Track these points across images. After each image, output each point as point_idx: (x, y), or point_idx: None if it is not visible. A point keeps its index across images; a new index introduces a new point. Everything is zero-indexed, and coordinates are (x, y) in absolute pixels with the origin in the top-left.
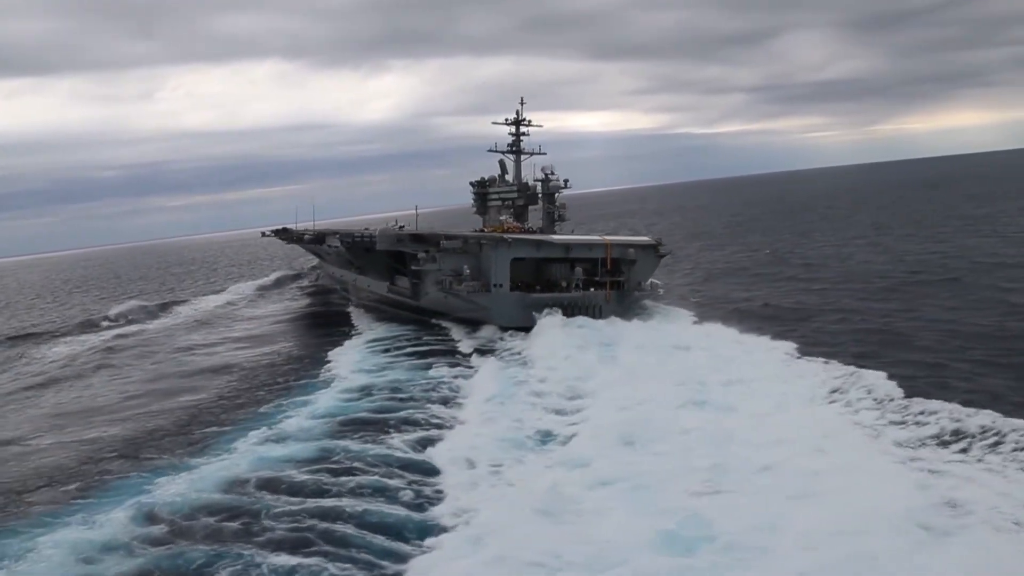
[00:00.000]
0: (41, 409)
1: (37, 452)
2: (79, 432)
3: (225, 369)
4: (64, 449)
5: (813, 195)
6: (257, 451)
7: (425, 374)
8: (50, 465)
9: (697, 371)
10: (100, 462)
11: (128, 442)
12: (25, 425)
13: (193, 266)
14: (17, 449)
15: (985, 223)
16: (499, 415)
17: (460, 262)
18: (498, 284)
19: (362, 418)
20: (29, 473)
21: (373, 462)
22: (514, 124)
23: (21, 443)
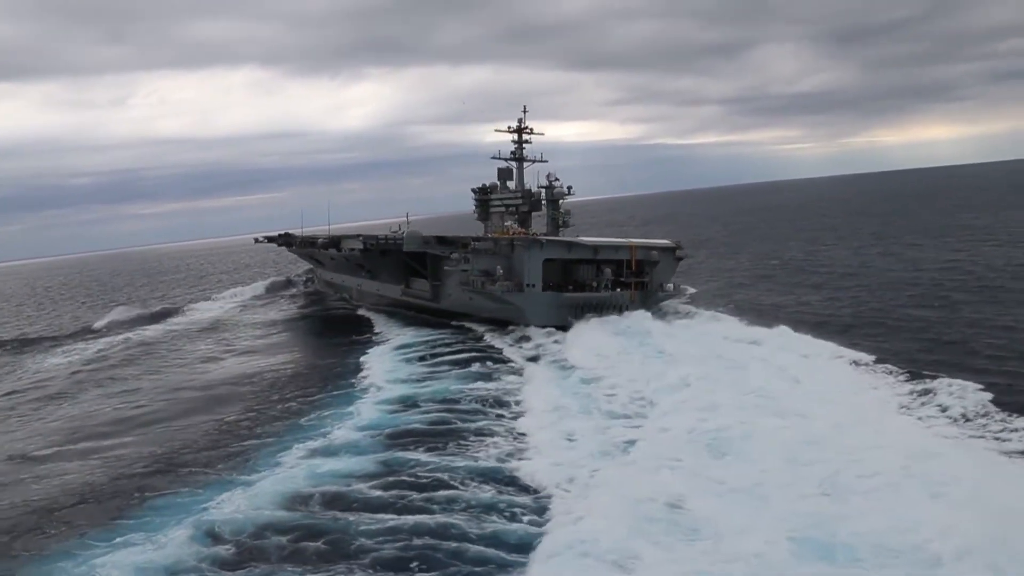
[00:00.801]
0: (55, 422)
1: (64, 468)
2: (102, 446)
3: (246, 379)
4: (91, 465)
5: (802, 205)
6: (309, 465)
7: (475, 383)
8: (80, 482)
9: (757, 377)
10: (134, 478)
11: (160, 457)
12: (41, 439)
13: (178, 274)
14: (42, 465)
15: (989, 232)
16: (575, 424)
17: (492, 263)
18: (531, 284)
19: (420, 430)
20: (61, 491)
21: (460, 476)
22: (516, 132)
23: (44, 459)
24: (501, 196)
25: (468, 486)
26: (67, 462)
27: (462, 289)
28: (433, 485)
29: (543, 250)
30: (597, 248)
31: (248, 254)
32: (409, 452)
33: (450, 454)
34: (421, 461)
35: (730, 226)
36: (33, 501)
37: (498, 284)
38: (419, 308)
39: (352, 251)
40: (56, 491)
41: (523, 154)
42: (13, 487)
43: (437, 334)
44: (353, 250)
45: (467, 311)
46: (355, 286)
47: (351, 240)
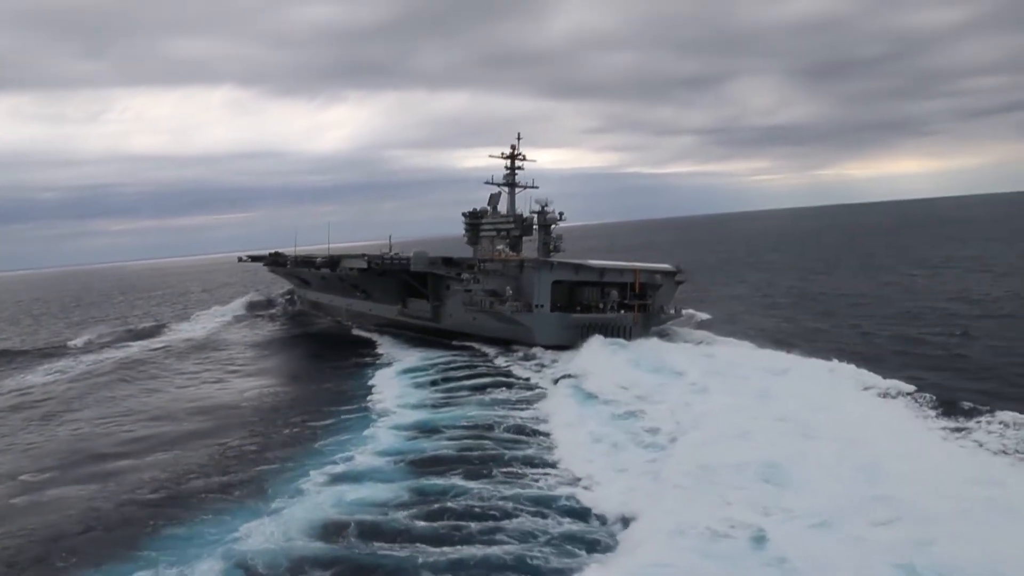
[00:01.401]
0: (47, 443)
1: (63, 494)
2: (103, 471)
3: (247, 401)
4: (92, 491)
5: (782, 235)
6: (335, 492)
7: (498, 408)
8: (84, 508)
9: (791, 405)
10: (144, 505)
11: (167, 483)
12: (32, 462)
13: (156, 291)
14: (39, 491)
15: (983, 263)
16: (616, 451)
17: (502, 283)
18: (540, 304)
19: (449, 456)
20: (64, 519)
21: (508, 505)
22: (509, 158)
23: (40, 484)
24: (492, 220)
25: (519, 515)
26: (65, 487)
27: (465, 309)
28: (478, 515)
29: (552, 272)
30: (603, 271)
31: (226, 272)
32: (442, 479)
33: (489, 482)
34: (459, 489)
35: (716, 254)
36: (35, 530)
37: (508, 304)
38: (417, 328)
39: (351, 271)
40: (59, 519)
41: (515, 180)
42: (9, 514)
43: (443, 355)
44: (352, 269)
45: (470, 331)
46: (345, 306)
47: (352, 259)
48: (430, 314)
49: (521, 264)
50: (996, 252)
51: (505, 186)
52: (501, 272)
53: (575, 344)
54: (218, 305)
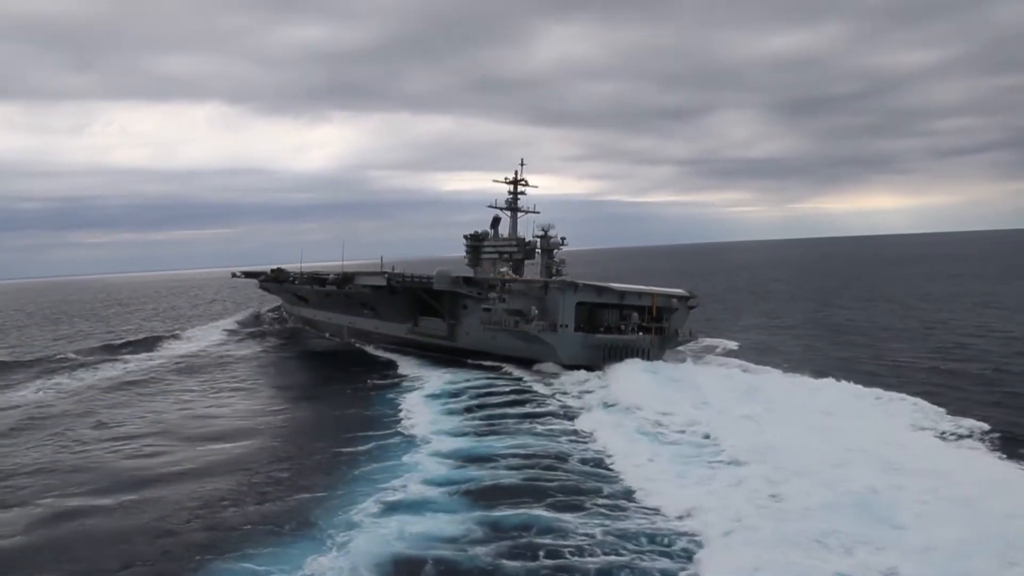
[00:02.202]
0: (57, 469)
1: (86, 526)
2: (124, 500)
3: (268, 424)
4: (120, 523)
5: (773, 265)
6: (394, 525)
7: (548, 436)
8: (115, 542)
9: (858, 435)
10: (182, 539)
11: (202, 514)
12: (44, 488)
13: (146, 304)
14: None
15: (988, 298)
16: (692, 481)
17: (527, 303)
18: (564, 324)
19: (514, 487)
20: (96, 554)
21: (607, 541)
22: (512, 184)
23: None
24: (495, 243)
25: (622, 554)
26: (89, 519)
27: (484, 328)
28: (575, 553)
29: (577, 293)
30: (623, 294)
31: (213, 289)
32: (513, 511)
33: (573, 515)
34: (540, 523)
35: (712, 282)
36: (67, 568)
37: (534, 323)
38: (430, 347)
39: (364, 288)
40: (91, 554)
41: (517, 204)
42: (33, 549)
43: (469, 377)
44: (366, 287)
45: (488, 350)
46: (347, 323)
47: (366, 276)
48: (445, 332)
49: (546, 285)
50: (997, 288)
51: (507, 210)
52: (524, 292)
53: (596, 364)
54: (211, 321)
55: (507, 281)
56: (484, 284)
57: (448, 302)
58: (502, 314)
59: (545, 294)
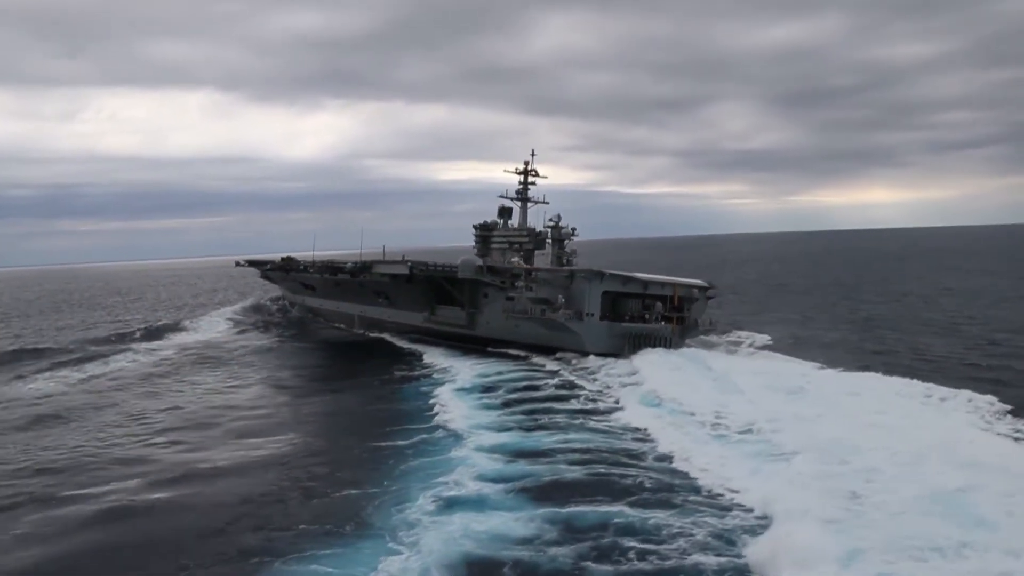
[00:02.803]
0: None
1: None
2: (161, 499)
3: (295, 416)
4: (164, 524)
5: (778, 258)
6: (457, 524)
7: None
8: (165, 544)
9: (926, 430)
10: (233, 540)
11: (244, 511)
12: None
13: (146, 292)
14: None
15: (1003, 292)
16: (768, 475)
17: (554, 292)
18: (591, 313)
19: (577, 481)
20: (144, 559)
21: (699, 539)
22: (523, 175)
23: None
24: (505, 233)
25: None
26: (126, 522)
27: (506, 316)
28: (661, 552)
29: (603, 283)
30: (647, 284)
31: (210, 277)
32: (581, 507)
33: (646, 511)
34: (620, 522)
35: (718, 275)
36: (113, 572)
37: (561, 312)
38: (448, 335)
39: (382, 276)
40: (140, 555)
41: (528, 195)
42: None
43: (500, 368)
44: (384, 275)
45: (510, 338)
46: (358, 313)
47: (385, 265)
48: (464, 321)
49: (572, 274)
50: (1017, 284)
51: (517, 200)
52: (550, 281)
53: (620, 352)
54: (215, 309)
55: (533, 270)
56: (507, 273)
57: (468, 291)
58: (526, 302)
59: (571, 283)
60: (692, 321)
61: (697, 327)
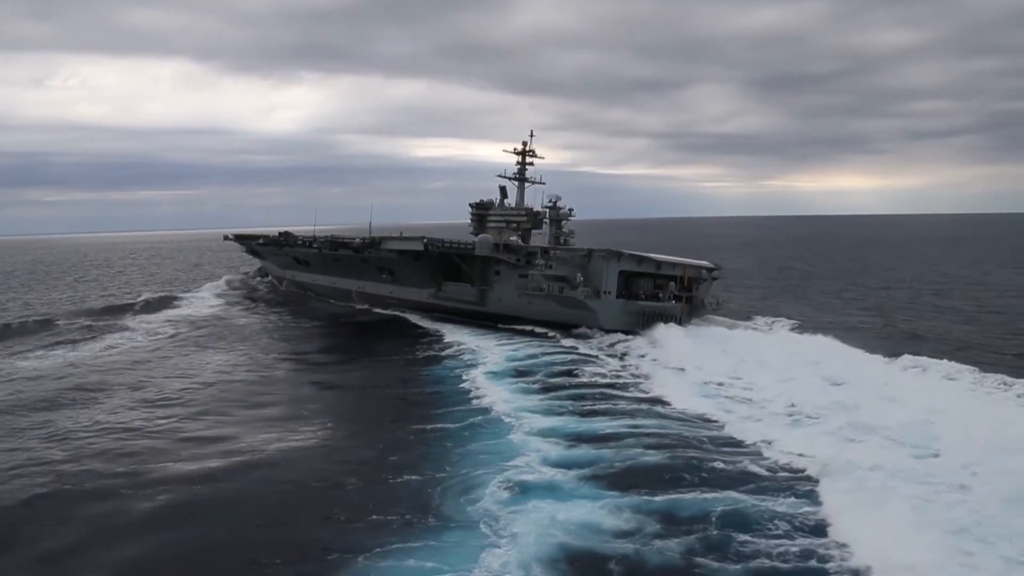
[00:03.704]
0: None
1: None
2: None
3: (323, 398)
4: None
5: (767, 242)
6: (541, 513)
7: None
8: (226, 546)
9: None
10: (298, 538)
11: (300, 504)
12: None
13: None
14: (158, 511)
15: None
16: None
17: (573, 271)
18: (608, 291)
19: (652, 467)
20: (209, 553)
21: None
22: (520, 155)
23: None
24: (502, 212)
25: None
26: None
27: (519, 293)
28: (780, 547)
29: (620, 262)
30: (660, 264)
31: (189, 251)
32: (671, 495)
33: (749, 497)
34: (721, 509)
35: (712, 256)
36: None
37: (580, 290)
38: (457, 311)
39: (390, 252)
40: (206, 558)
41: (525, 175)
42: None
43: (528, 346)
44: (391, 251)
45: (523, 314)
46: (355, 288)
47: (395, 241)
48: (475, 297)
49: (590, 253)
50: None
51: (515, 180)
52: (567, 260)
53: (634, 329)
54: (207, 283)
55: (552, 249)
56: (523, 251)
57: (480, 268)
58: (541, 280)
59: (589, 262)
60: (699, 301)
61: (704, 307)
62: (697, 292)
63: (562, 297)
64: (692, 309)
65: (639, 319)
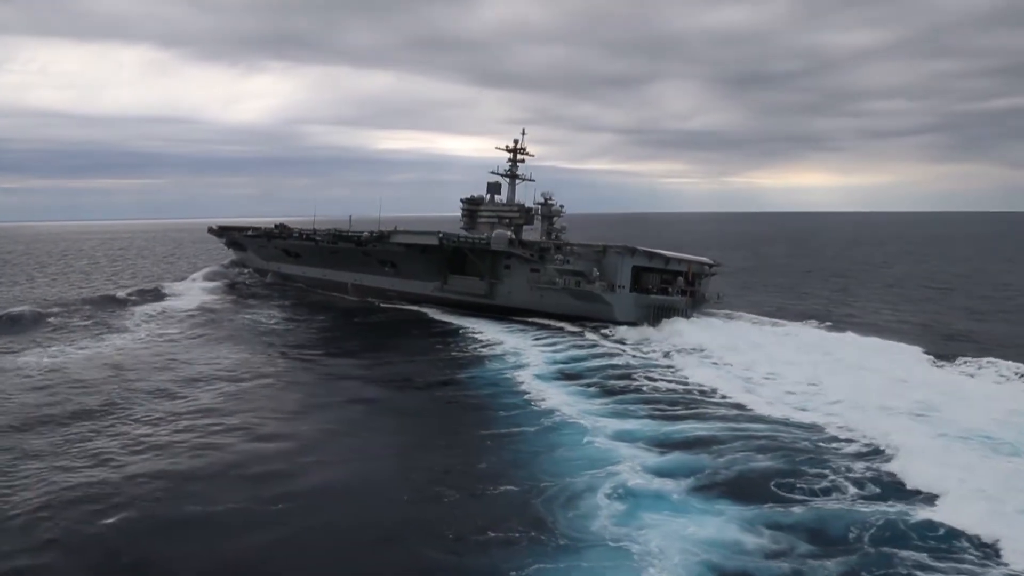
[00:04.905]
0: (168, 466)
1: (257, 534)
2: (286, 508)
3: (371, 402)
4: (294, 528)
5: (742, 238)
6: (666, 528)
7: (732, 420)
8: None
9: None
10: (403, 542)
11: (400, 510)
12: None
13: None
14: (223, 526)
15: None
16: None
17: (589, 266)
18: (622, 286)
19: (764, 475)
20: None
21: None
22: (512, 152)
23: (211, 517)
24: (494, 208)
25: None
26: (271, 527)
27: (531, 287)
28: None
29: (633, 258)
30: (668, 260)
31: (159, 243)
32: (802, 507)
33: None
34: (870, 522)
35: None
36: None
37: (596, 284)
38: (463, 304)
39: (398, 246)
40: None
41: (516, 171)
42: None
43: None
44: (399, 245)
45: (535, 307)
46: (352, 281)
47: (412, 235)
48: (483, 291)
49: (604, 249)
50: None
51: (506, 176)
52: (582, 255)
53: (645, 321)
54: (190, 275)
55: (567, 244)
56: (536, 247)
57: (490, 262)
58: (554, 274)
59: (604, 257)
60: (701, 295)
61: (706, 300)
62: (699, 287)
63: (578, 291)
64: (695, 303)
65: (650, 312)
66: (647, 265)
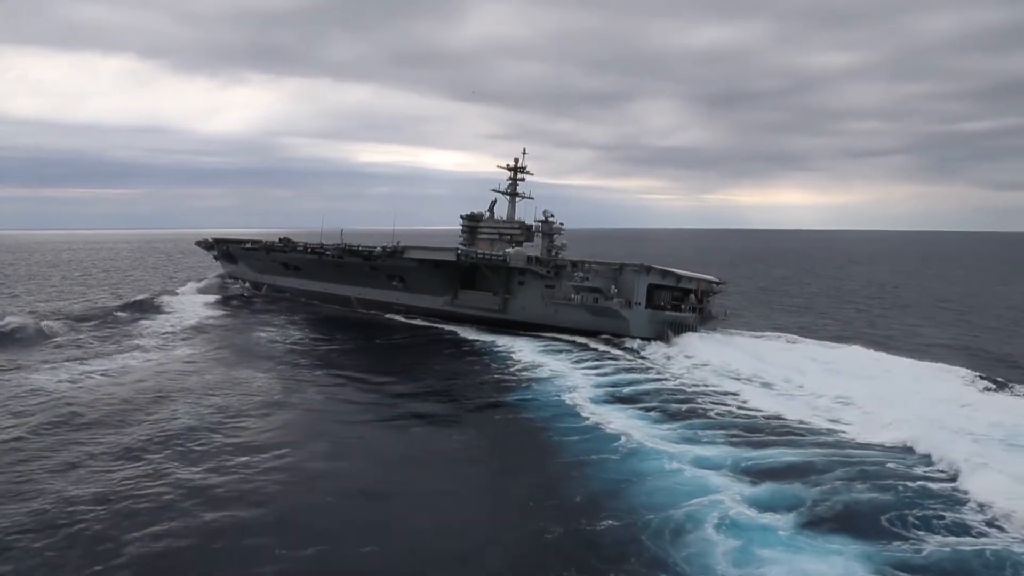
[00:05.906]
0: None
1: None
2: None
3: (437, 431)
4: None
5: (736, 256)
6: (789, 566)
7: (828, 447)
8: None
9: None
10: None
11: (519, 555)
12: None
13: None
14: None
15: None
16: None
17: (606, 283)
18: (638, 302)
19: (874, 508)
20: None
21: None
22: (513, 170)
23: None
24: (494, 225)
25: None
26: (354, 546)
27: (545, 302)
28: None
29: (649, 276)
30: (680, 278)
31: (152, 254)
32: (926, 544)
33: None
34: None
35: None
36: None
37: (615, 300)
38: (474, 319)
39: (411, 261)
40: None
41: (517, 189)
42: None
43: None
44: (412, 260)
45: (550, 322)
46: (354, 295)
47: (427, 251)
48: (497, 305)
49: (621, 267)
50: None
51: (507, 194)
52: (600, 272)
53: (659, 336)
54: (182, 287)
55: (583, 262)
56: (551, 264)
57: (504, 277)
58: (569, 289)
59: (620, 275)
60: (708, 312)
61: (713, 317)
62: (707, 304)
63: (595, 307)
64: (703, 319)
65: (663, 327)
66: (660, 283)
